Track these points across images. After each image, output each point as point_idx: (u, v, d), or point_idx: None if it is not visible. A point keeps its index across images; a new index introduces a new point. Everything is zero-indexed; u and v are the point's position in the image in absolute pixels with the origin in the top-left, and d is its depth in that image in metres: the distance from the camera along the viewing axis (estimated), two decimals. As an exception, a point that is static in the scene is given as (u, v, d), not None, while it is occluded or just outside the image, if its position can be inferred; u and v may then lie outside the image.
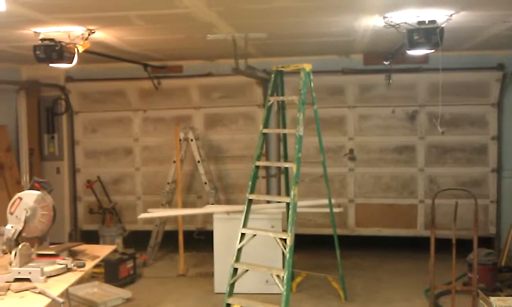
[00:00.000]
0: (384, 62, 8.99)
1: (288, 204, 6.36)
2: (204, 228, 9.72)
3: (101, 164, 10.56)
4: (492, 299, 5.60)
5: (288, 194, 7.33)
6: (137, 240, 9.85)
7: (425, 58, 8.97)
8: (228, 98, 10.00)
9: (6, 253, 5.19)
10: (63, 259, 5.16)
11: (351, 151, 9.78)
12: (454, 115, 9.38)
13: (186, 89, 10.10)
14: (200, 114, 10.15)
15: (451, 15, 5.89)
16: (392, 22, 6.08)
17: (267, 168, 9.50)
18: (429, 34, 5.98)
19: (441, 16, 5.91)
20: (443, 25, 5.98)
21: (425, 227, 9.57)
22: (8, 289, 4.47)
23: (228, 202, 9.92)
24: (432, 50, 6.40)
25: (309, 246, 9.56)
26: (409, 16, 5.92)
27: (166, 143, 10.04)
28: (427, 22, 5.99)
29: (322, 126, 7.63)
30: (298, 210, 6.33)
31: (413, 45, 6.11)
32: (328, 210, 7.49)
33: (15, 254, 4.81)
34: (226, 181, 10.18)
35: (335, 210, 7.65)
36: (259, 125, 7.08)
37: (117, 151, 10.52)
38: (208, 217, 9.15)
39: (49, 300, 4.31)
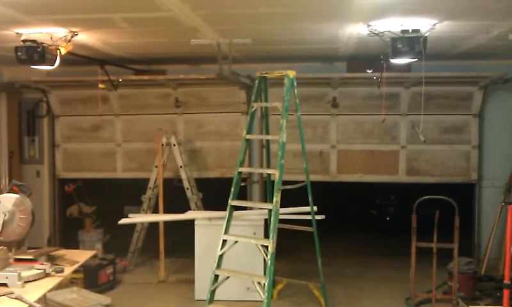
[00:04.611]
0: (368, 71, 9.02)
1: (270, 211, 6.34)
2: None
3: (78, 111, 10.29)
4: (472, 307, 5.64)
5: (270, 201, 7.31)
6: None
7: (408, 67, 9.02)
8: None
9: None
10: (41, 264, 5.09)
11: (334, 99, 9.65)
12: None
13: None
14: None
15: (434, 25, 5.95)
16: (375, 30, 6.12)
17: (249, 174, 9.48)
18: (412, 43, 6.03)
19: (424, 25, 5.97)
20: (426, 34, 6.03)
21: (406, 173, 9.57)
22: (-16, 294, 4.39)
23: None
24: (416, 59, 6.44)
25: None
26: (393, 25, 5.97)
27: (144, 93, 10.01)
28: (410, 31, 6.05)
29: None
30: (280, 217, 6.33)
31: (397, 53, 6.16)
32: (310, 217, 7.47)
33: (-8, 258, 4.73)
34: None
35: (318, 217, 7.63)
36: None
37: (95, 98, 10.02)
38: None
39: (26, 306, 4.24)
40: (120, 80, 9.24)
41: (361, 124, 9.76)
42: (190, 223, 8.04)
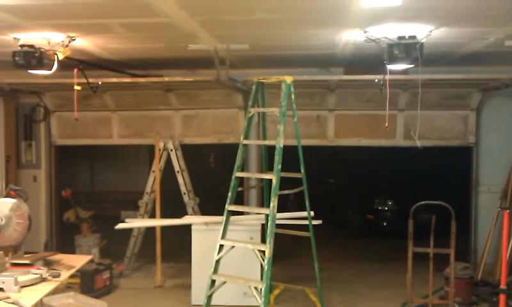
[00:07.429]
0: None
1: (267, 216, 6.35)
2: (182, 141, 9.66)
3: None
4: (468, 312, 5.65)
5: (268, 206, 7.31)
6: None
7: (405, 72, 9.00)
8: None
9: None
10: (38, 268, 5.08)
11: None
12: None
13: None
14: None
15: (431, 31, 5.97)
16: (372, 36, 6.14)
17: (247, 179, 9.47)
18: (408, 49, 6.05)
19: (421, 31, 5.99)
20: (423, 41, 6.06)
21: (404, 137, 9.43)
22: (-20, 299, 4.38)
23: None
24: (412, 65, 6.46)
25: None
26: (389, 31, 5.99)
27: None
28: (407, 37, 6.07)
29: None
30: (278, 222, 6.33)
31: (393, 59, 6.18)
32: (307, 222, 7.47)
33: (-12, 263, 4.72)
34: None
35: (314, 222, 7.63)
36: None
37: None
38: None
39: (23, 310, 4.23)
40: (100, 82, 8.70)
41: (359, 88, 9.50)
42: (187, 228, 8.04)
